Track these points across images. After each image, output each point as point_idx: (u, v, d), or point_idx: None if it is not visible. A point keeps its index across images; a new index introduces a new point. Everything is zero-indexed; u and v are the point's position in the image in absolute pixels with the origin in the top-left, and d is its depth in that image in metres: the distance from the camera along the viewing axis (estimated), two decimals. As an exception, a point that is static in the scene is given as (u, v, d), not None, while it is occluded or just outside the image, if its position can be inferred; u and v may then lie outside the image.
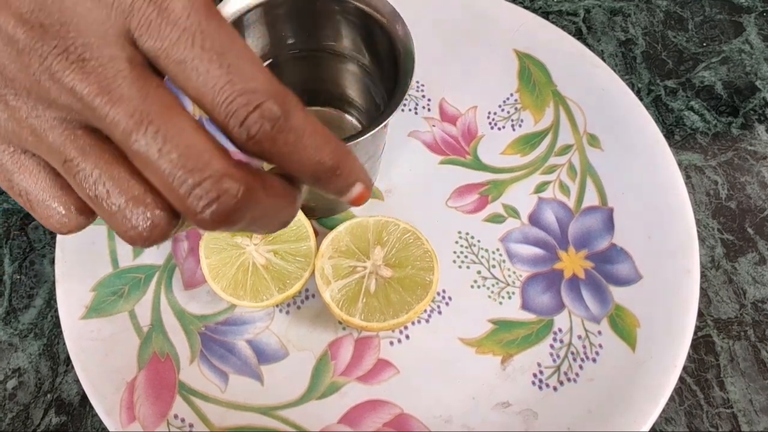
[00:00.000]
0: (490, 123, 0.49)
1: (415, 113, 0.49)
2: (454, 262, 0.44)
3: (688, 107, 0.51)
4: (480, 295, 0.43)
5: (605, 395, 0.39)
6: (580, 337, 0.41)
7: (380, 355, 0.41)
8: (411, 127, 0.49)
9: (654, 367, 0.39)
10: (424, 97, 0.50)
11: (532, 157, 0.48)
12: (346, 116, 0.46)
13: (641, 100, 0.50)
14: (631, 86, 0.52)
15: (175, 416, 0.38)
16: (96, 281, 0.42)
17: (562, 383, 0.40)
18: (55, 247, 0.42)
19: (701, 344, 0.42)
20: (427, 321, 0.42)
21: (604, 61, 0.52)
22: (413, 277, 0.40)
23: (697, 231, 0.44)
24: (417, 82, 0.50)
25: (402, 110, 0.48)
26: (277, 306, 0.42)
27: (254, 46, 0.40)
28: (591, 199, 0.46)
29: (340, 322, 0.42)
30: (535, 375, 0.40)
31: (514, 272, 0.44)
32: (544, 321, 0.42)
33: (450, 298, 0.43)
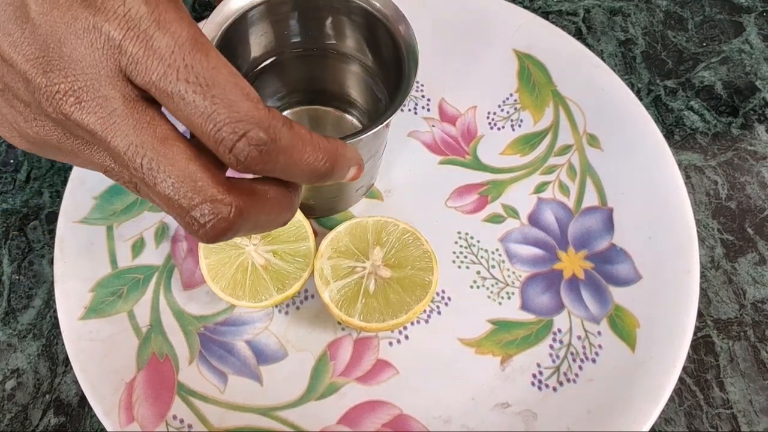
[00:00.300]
0: (490, 123, 0.49)
1: (415, 113, 0.49)
2: (454, 262, 0.44)
3: (688, 107, 0.51)
4: (479, 296, 0.43)
5: (605, 396, 0.39)
6: (579, 337, 0.41)
7: (379, 356, 0.41)
8: (410, 127, 0.49)
9: (654, 367, 0.39)
10: (423, 97, 0.50)
11: (532, 158, 0.48)
12: (347, 116, 0.46)
13: (641, 100, 0.50)
14: (631, 86, 0.52)
15: (174, 417, 0.38)
16: (95, 282, 0.42)
17: (561, 384, 0.40)
18: (53, 248, 0.42)
19: (701, 345, 0.42)
20: (426, 321, 0.42)
21: (604, 61, 0.52)
22: (412, 277, 0.40)
23: (697, 231, 0.44)
24: (417, 81, 0.50)
25: (402, 110, 0.48)
26: (276, 306, 0.42)
27: (257, 44, 0.40)
28: (591, 199, 0.46)
29: (339, 323, 0.42)
30: (534, 375, 0.40)
31: (513, 272, 0.44)
32: (544, 321, 0.42)
33: (449, 298, 0.43)
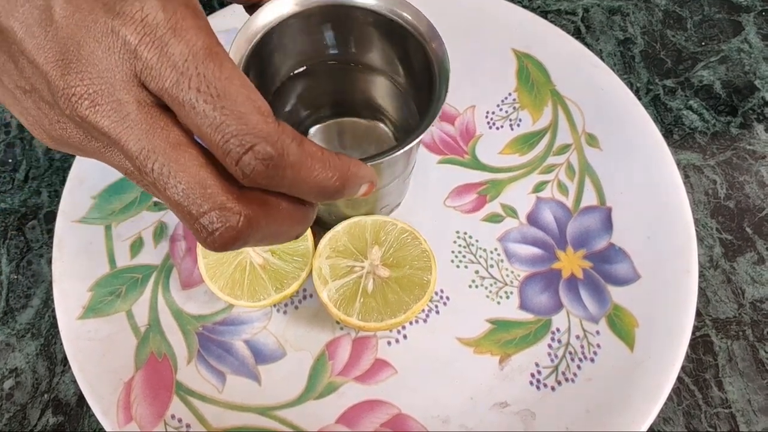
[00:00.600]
0: (489, 122, 0.49)
1: (414, 113, 0.49)
2: (452, 261, 0.44)
3: (687, 106, 0.51)
4: (478, 295, 0.43)
5: (603, 395, 0.39)
6: (578, 337, 0.41)
7: (378, 355, 0.41)
8: (409, 126, 0.49)
9: (652, 367, 0.39)
10: (422, 96, 0.50)
11: (531, 157, 0.48)
12: (380, 125, 0.46)
13: (640, 99, 0.50)
14: (630, 85, 0.51)
15: (172, 416, 0.38)
16: (93, 281, 0.42)
17: (560, 383, 0.40)
18: (52, 247, 0.42)
19: (699, 344, 0.42)
20: (425, 321, 0.42)
21: (603, 60, 0.51)
22: (411, 276, 0.40)
23: (696, 230, 0.44)
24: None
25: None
26: (274, 306, 0.42)
27: (287, 56, 0.40)
28: (589, 198, 0.46)
29: (337, 322, 0.42)
30: (533, 375, 0.40)
31: (512, 272, 0.44)
32: (542, 321, 0.42)
33: (448, 297, 0.43)
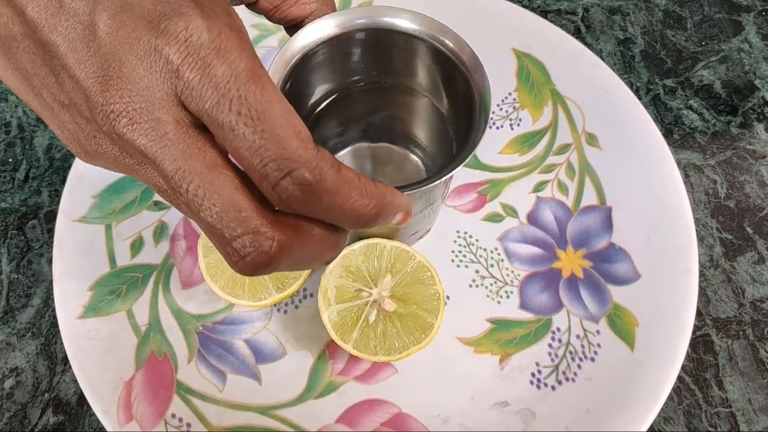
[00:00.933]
0: (489, 122, 0.49)
1: (414, 112, 0.49)
2: (453, 261, 0.44)
3: (687, 106, 0.51)
4: (478, 295, 0.43)
5: (604, 395, 0.39)
6: (578, 336, 0.41)
7: (378, 355, 0.41)
8: (409, 126, 0.49)
9: (652, 366, 0.39)
10: (422, 96, 0.50)
11: (531, 156, 0.48)
12: (411, 155, 0.46)
13: (640, 99, 0.50)
14: (630, 85, 0.52)
15: (173, 416, 0.38)
16: (93, 281, 0.42)
17: (560, 383, 0.40)
18: (52, 247, 0.42)
19: (700, 343, 0.42)
20: (425, 320, 0.42)
21: (603, 60, 0.51)
22: (416, 317, 0.39)
23: (696, 230, 0.44)
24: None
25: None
26: (275, 305, 0.42)
27: (324, 78, 0.40)
28: (589, 198, 0.46)
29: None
30: (533, 374, 0.40)
31: (512, 271, 0.44)
32: (543, 320, 0.42)
33: (448, 297, 0.43)
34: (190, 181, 0.23)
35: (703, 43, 0.54)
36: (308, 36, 0.38)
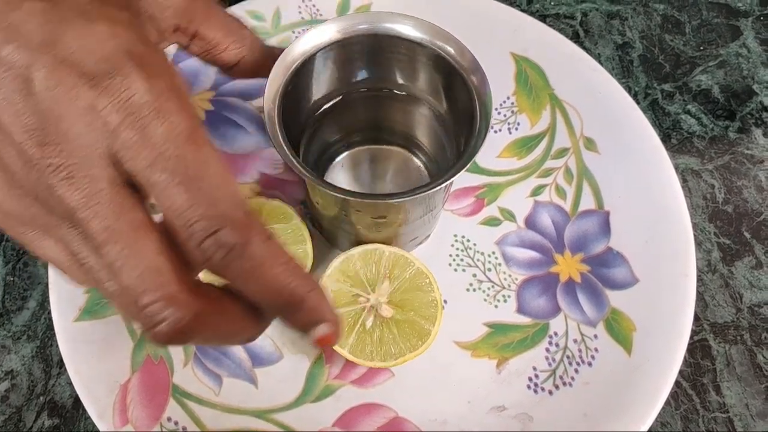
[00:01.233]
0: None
1: (412, 116, 0.49)
2: (450, 265, 0.44)
3: (685, 111, 0.51)
4: (475, 299, 0.43)
5: (601, 399, 0.39)
6: (575, 340, 0.41)
7: (375, 359, 0.41)
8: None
9: (650, 371, 0.39)
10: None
11: (529, 161, 0.48)
12: (413, 159, 0.46)
13: (638, 103, 0.50)
14: (628, 90, 0.52)
15: (169, 419, 0.38)
16: (90, 283, 0.42)
17: (557, 387, 0.40)
18: (48, 249, 0.42)
19: (697, 348, 0.42)
20: (422, 324, 0.42)
21: (601, 64, 0.51)
22: (412, 323, 0.39)
23: (694, 235, 0.44)
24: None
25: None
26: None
27: (326, 82, 0.41)
28: (587, 202, 0.46)
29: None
30: (530, 379, 0.40)
31: (509, 275, 0.44)
32: (540, 324, 0.42)
33: (445, 301, 0.43)
34: (115, 242, 0.23)
35: (702, 48, 0.54)
36: (309, 41, 0.38)
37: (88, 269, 0.24)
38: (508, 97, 0.50)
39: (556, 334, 0.42)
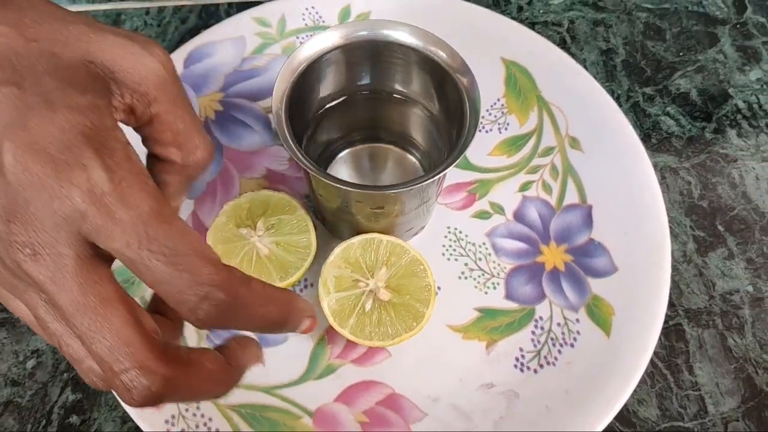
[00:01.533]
0: (479, 126, 0.52)
1: (409, 116, 0.52)
2: (443, 254, 0.47)
3: (665, 112, 0.54)
4: (467, 286, 0.46)
5: (582, 377, 0.42)
6: (559, 324, 0.44)
7: (374, 340, 0.44)
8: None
9: (627, 352, 0.42)
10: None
11: (518, 158, 0.51)
12: (408, 156, 0.50)
13: (621, 105, 0.54)
14: (612, 93, 0.55)
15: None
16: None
17: (542, 366, 0.43)
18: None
19: (672, 332, 0.46)
20: (417, 309, 0.45)
21: (587, 68, 0.55)
22: (408, 306, 0.42)
23: (671, 228, 0.47)
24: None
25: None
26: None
27: (328, 84, 0.44)
28: (571, 197, 0.49)
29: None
30: (517, 359, 0.43)
31: (499, 264, 0.47)
32: (527, 309, 0.45)
33: (439, 288, 0.46)
34: (83, 315, 0.24)
35: (681, 54, 0.57)
36: (313, 46, 0.41)
37: (51, 334, 0.26)
38: (499, 99, 0.53)
39: (541, 318, 0.45)
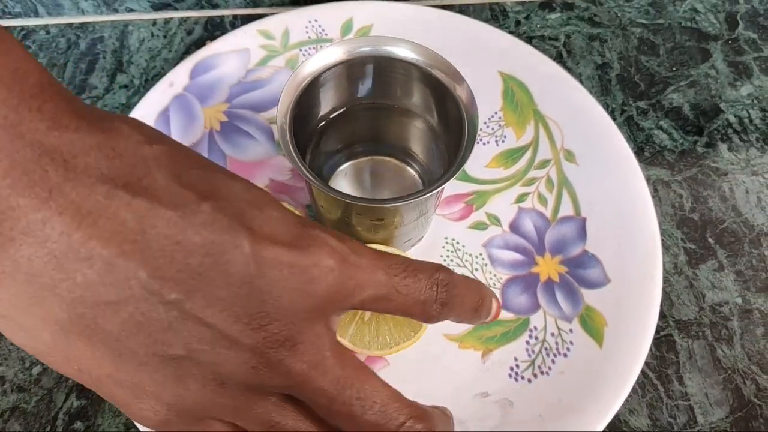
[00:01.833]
0: (477, 138, 0.53)
1: (408, 128, 0.54)
2: (441, 265, 0.48)
3: (658, 126, 0.55)
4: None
5: (574, 387, 0.43)
6: (553, 334, 0.46)
7: (372, 349, 0.45)
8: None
9: (618, 362, 0.43)
10: (415, 113, 0.54)
11: (514, 170, 0.52)
12: (408, 168, 0.51)
13: (615, 119, 0.55)
14: (606, 106, 0.56)
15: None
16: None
17: (536, 376, 0.44)
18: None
19: (663, 343, 0.47)
20: (415, 318, 0.46)
21: (582, 83, 0.56)
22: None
23: (663, 240, 0.49)
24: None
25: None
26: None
27: (328, 99, 0.45)
28: (566, 209, 0.50)
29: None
30: (512, 368, 0.45)
31: (495, 275, 0.48)
32: (521, 319, 0.46)
33: (436, 297, 0.47)
34: (350, 388, 0.25)
35: (674, 69, 0.58)
36: (317, 62, 0.42)
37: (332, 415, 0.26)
38: (496, 112, 0.54)
39: (535, 328, 0.46)
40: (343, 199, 0.38)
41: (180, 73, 0.53)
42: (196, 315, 0.23)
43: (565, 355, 0.45)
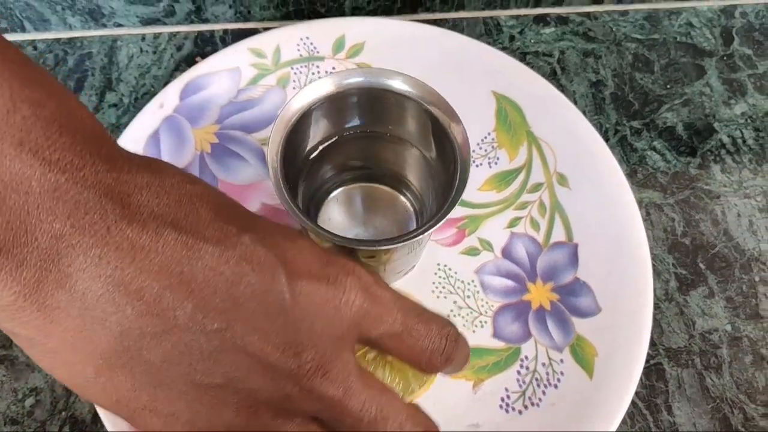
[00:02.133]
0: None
1: (400, 150, 0.53)
2: (433, 292, 0.48)
3: (651, 147, 0.55)
4: (456, 324, 0.47)
5: (564, 419, 0.43)
6: (544, 364, 0.46)
7: (364, 379, 0.45)
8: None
9: (609, 393, 0.43)
10: (408, 134, 0.54)
11: (507, 194, 0.52)
12: (400, 197, 0.50)
13: (608, 139, 0.55)
14: (600, 126, 0.56)
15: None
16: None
17: (526, 407, 0.45)
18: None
19: (653, 371, 0.47)
20: (407, 347, 0.46)
21: (576, 101, 0.56)
22: (404, 372, 0.41)
23: (654, 265, 0.49)
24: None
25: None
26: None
27: (320, 129, 0.44)
28: (558, 234, 0.50)
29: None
30: (502, 399, 0.45)
31: (486, 302, 0.48)
32: (512, 348, 0.47)
33: (428, 326, 0.47)
34: (375, 406, 0.27)
35: (668, 86, 0.58)
36: (308, 95, 0.42)
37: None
38: (489, 133, 0.54)
39: (526, 357, 0.46)
40: (338, 243, 0.38)
41: (170, 93, 0.52)
42: (236, 344, 0.24)
43: (556, 386, 0.45)
